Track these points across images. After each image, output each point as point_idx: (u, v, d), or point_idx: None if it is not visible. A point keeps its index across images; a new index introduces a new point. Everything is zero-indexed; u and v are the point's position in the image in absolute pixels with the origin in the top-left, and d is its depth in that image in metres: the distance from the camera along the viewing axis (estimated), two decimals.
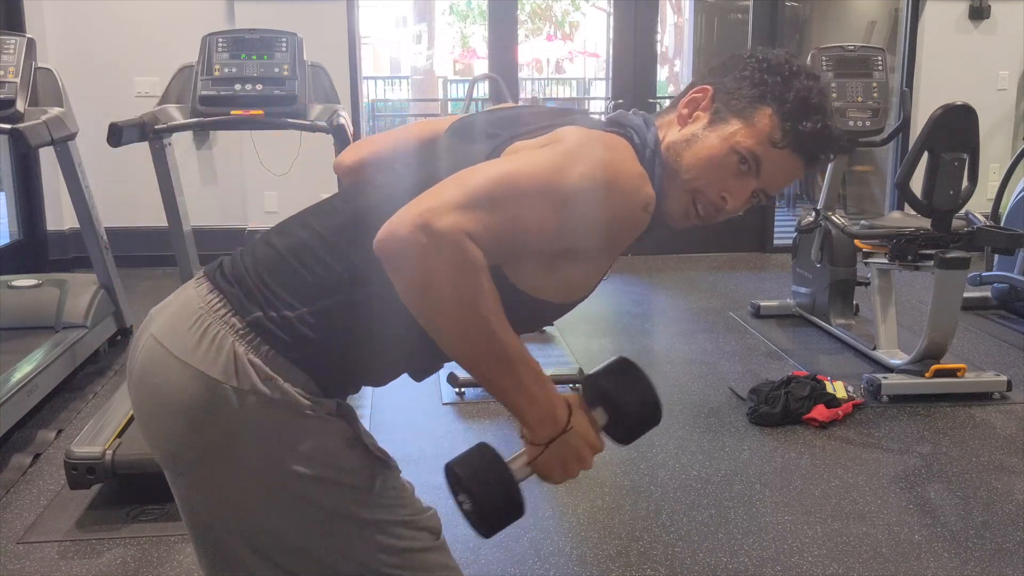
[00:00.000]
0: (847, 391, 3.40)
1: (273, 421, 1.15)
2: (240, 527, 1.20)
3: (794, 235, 4.64)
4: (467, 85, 6.95)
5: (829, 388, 3.38)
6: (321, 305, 1.16)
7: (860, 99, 4.14)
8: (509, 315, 1.11)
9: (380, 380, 1.30)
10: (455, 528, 1.31)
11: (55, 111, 3.56)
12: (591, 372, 1.24)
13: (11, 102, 3.40)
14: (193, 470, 1.20)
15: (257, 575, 1.21)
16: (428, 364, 1.33)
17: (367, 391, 1.32)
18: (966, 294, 4.07)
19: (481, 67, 10.95)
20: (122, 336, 4.12)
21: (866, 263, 3.94)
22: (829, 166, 4.34)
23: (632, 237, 1.21)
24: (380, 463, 1.22)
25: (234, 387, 1.14)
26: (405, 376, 1.31)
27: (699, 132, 1.23)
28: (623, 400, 1.20)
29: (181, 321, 1.19)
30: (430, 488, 1.45)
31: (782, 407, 3.28)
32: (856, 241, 3.94)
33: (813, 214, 4.35)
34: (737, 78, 1.24)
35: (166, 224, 3.62)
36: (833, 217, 4.20)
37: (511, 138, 1.21)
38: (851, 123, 4.12)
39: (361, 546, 1.19)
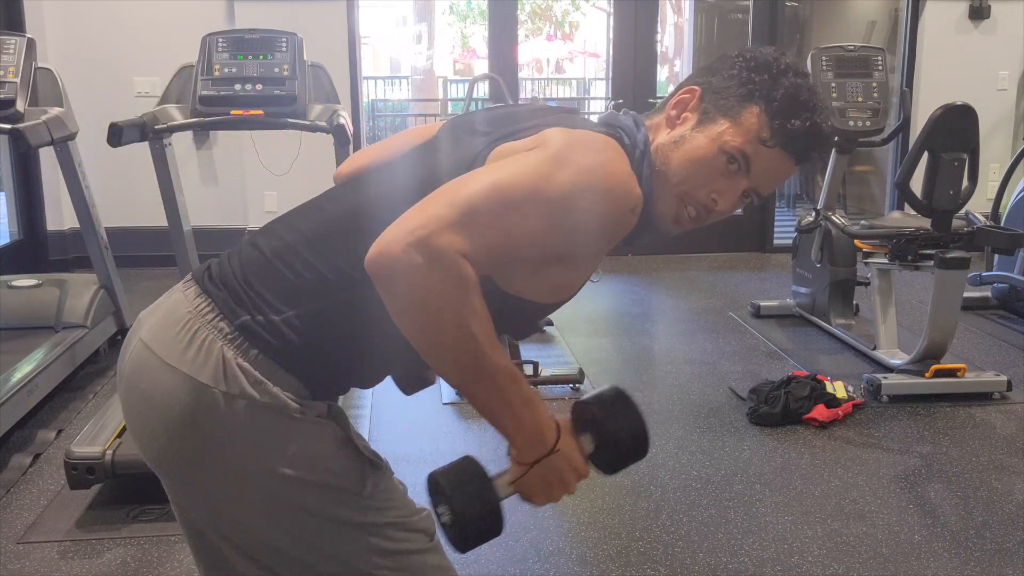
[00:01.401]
0: (847, 391, 3.40)
1: (263, 425, 1.14)
2: (231, 532, 1.20)
3: (794, 235, 4.64)
4: (467, 85, 6.94)
5: (829, 388, 3.38)
6: (308, 308, 1.15)
7: (860, 99, 4.14)
8: (495, 316, 1.10)
9: (368, 382, 1.29)
10: None
11: (55, 111, 3.56)
12: (584, 398, 1.23)
13: (11, 102, 3.40)
14: (183, 475, 1.20)
15: None
16: (415, 368, 1.33)
17: (367, 392, 1.32)
18: (966, 294, 4.07)
19: (481, 67, 10.95)
20: (122, 336, 4.11)
21: (866, 263, 3.94)
22: (829, 166, 4.35)
23: (619, 238, 1.21)
24: (371, 465, 1.21)
25: (223, 392, 1.13)
26: None
27: (687, 133, 1.22)
28: (613, 430, 1.18)
29: (169, 326, 1.18)
30: None
31: (782, 407, 3.28)
32: (856, 241, 3.94)
33: (813, 214, 4.35)
34: (725, 77, 1.23)
35: (166, 224, 3.62)
36: (833, 217, 4.20)
37: (499, 138, 1.20)
38: (851, 123, 4.12)
39: (353, 549, 1.19)
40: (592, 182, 1.12)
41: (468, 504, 1.11)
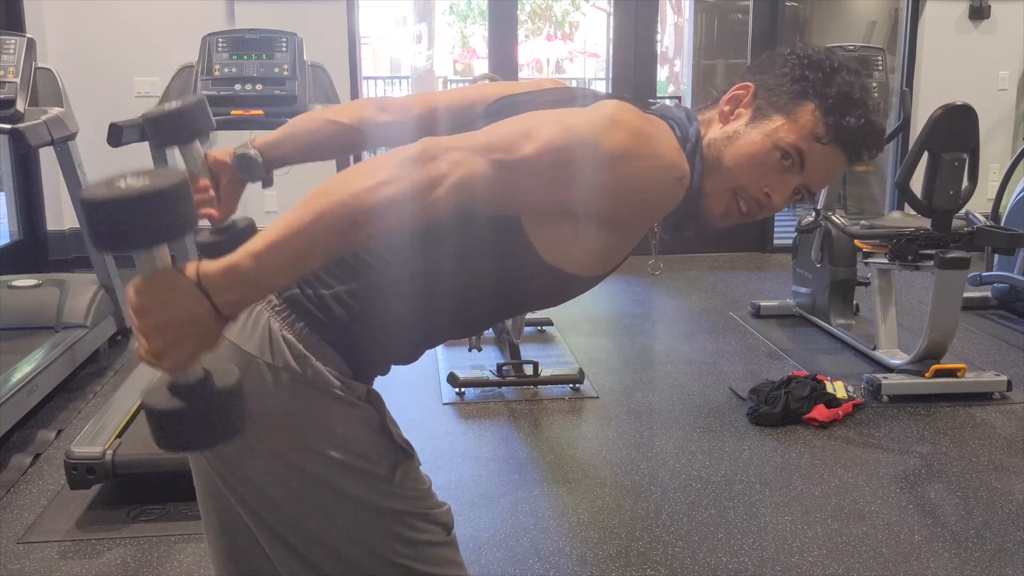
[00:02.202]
0: (847, 391, 3.40)
1: (302, 400, 1.15)
2: (258, 506, 1.20)
3: (794, 235, 4.64)
4: (467, 85, 6.94)
5: (829, 388, 3.38)
6: (357, 284, 1.17)
7: None
8: (533, 289, 1.12)
9: (409, 358, 1.30)
10: (457, 527, 1.32)
11: (55, 111, 3.56)
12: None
13: (11, 102, 3.40)
14: (220, 448, 1.19)
15: (269, 555, 1.23)
16: (457, 336, 1.34)
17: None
18: (966, 294, 4.07)
19: (481, 67, 10.95)
20: (122, 336, 4.12)
21: (866, 263, 3.94)
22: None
23: (664, 209, 1.19)
24: (403, 453, 1.22)
25: (268, 363, 1.15)
26: (405, 376, 1.32)
27: (741, 129, 1.23)
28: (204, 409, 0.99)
29: None
30: (432, 487, 1.45)
31: (782, 407, 3.28)
32: (856, 241, 3.94)
33: (813, 214, 4.35)
34: (778, 75, 1.24)
35: None
36: (833, 217, 4.20)
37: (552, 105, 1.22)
38: None
39: (377, 534, 1.20)
40: (643, 146, 1.13)
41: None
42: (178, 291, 0.95)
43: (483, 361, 3.84)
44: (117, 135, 3.14)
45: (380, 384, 1.32)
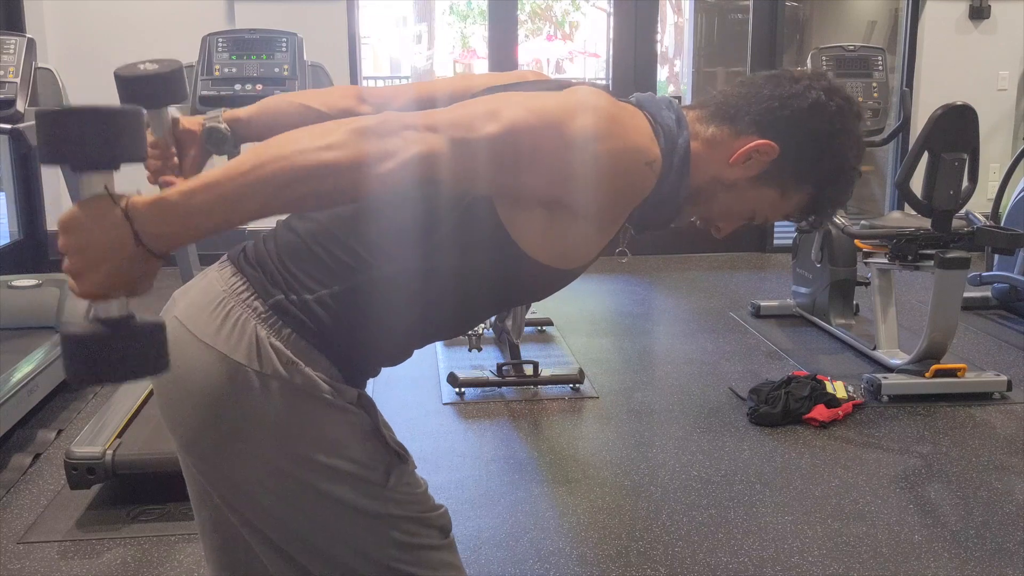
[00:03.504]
0: (847, 391, 3.40)
1: (293, 407, 1.15)
2: (251, 514, 1.20)
3: (794, 235, 4.64)
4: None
5: (829, 388, 3.38)
6: (340, 287, 1.17)
7: (860, 99, 4.13)
8: (515, 283, 1.13)
9: (398, 359, 1.29)
10: (455, 528, 1.31)
11: None
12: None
13: (11, 102, 3.40)
14: (210, 454, 1.20)
15: (264, 563, 1.22)
16: (447, 336, 1.36)
17: (366, 392, 1.32)
18: (966, 294, 4.07)
19: (481, 67, 10.95)
20: None
21: (866, 263, 3.94)
22: None
23: (635, 195, 1.17)
24: (397, 457, 1.22)
25: (256, 371, 1.14)
26: (405, 376, 1.32)
27: (741, 183, 1.23)
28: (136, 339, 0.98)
29: (204, 304, 1.19)
30: (432, 488, 1.45)
31: (782, 407, 3.28)
32: (856, 241, 3.94)
33: None
34: (800, 143, 1.20)
35: None
36: (833, 217, 4.20)
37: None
38: None
39: (371, 539, 1.19)
40: (611, 129, 1.12)
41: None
42: (104, 215, 0.96)
43: (483, 361, 3.84)
44: None
45: (381, 383, 1.32)
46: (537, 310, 4.39)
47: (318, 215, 1.23)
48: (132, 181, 1.02)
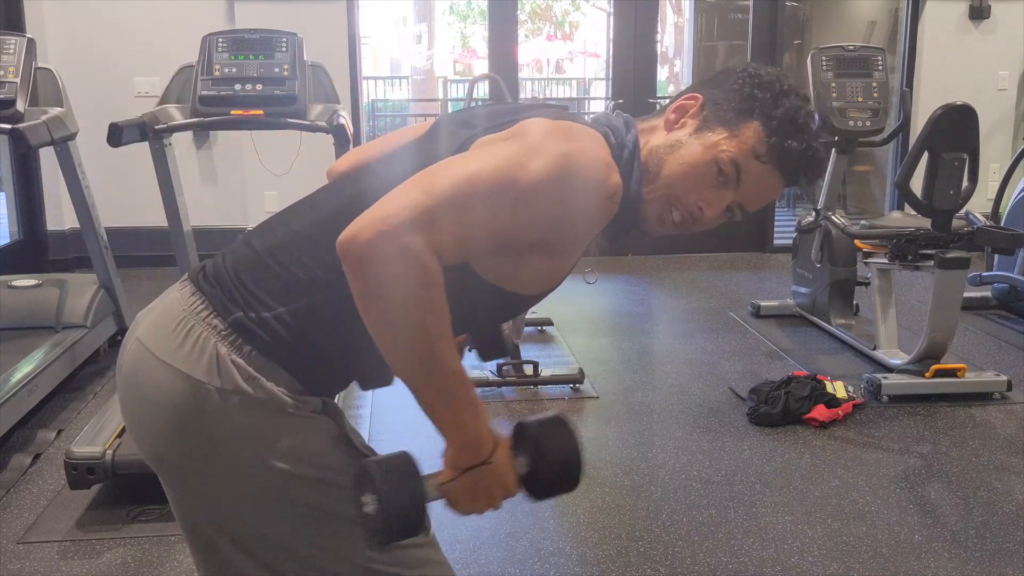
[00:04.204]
0: (847, 391, 3.40)
1: (257, 420, 1.15)
2: (227, 527, 1.20)
3: (794, 235, 4.64)
4: (467, 85, 6.94)
5: (829, 388, 3.38)
6: (299, 304, 1.17)
7: (860, 99, 4.14)
8: (479, 306, 1.13)
9: (369, 378, 1.29)
10: (455, 528, 1.31)
11: (55, 111, 3.56)
12: (525, 421, 1.22)
13: (11, 102, 3.40)
14: (180, 470, 1.21)
15: (243, 571, 1.21)
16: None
17: (366, 392, 1.31)
18: (966, 294, 4.07)
19: (481, 67, 10.95)
20: (122, 336, 4.09)
21: (866, 263, 3.94)
22: (829, 166, 4.34)
23: (599, 226, 1.20)
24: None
25: (217, 387, 1.14)
26: None
27: (684, 138, 1.23)
28: (549, 455, 1.17)
29: (165, 323, 1.20)
30: None
31: (782, 407, 3.28)
32: (856, 241, 3.94)
33: (813, 214, 4.35)
34: (727, 90, 1.24)
35: (166, 224, 3.62)
36: (833, 217, 4.20)
37: (486, 130, 1.20)
38: (851, 123, 4.12)
39: (348, 543, 1.19)
40: (567, 169, 1.11)
41: (396, 497, 1.09)
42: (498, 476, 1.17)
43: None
44: (117, 135, 3.14)
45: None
46: (537, 310, 4.38)
47: (276, 231, 1.23)
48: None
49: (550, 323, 4.45)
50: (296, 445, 1.16)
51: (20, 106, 3.42)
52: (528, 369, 3.65)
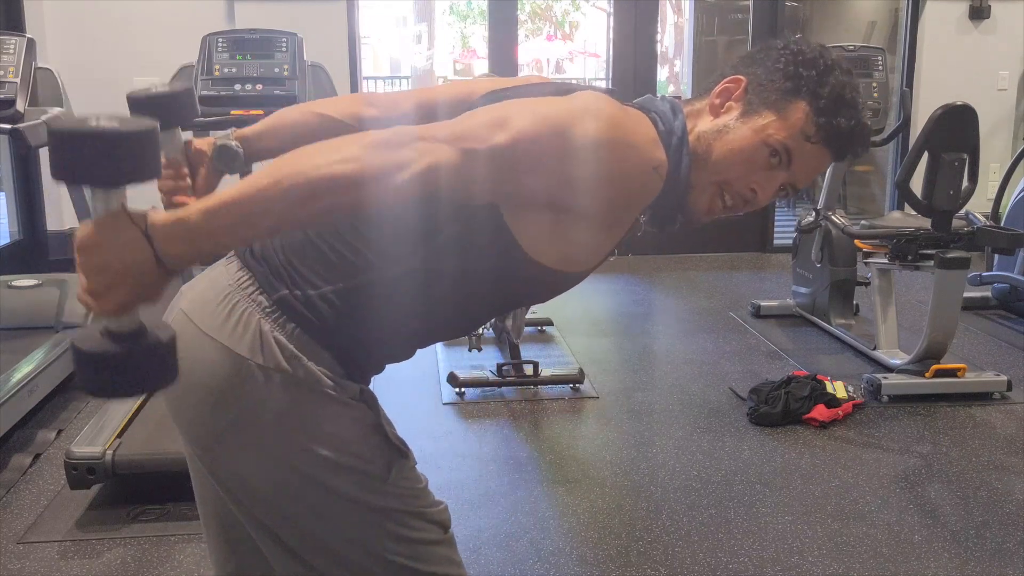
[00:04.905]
0: (847, 391, 3.40)
1: (295, 401, 1.16)
2: (253, 504, 1.21)
3: (794, 235, 4.64)
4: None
5: (829, 388, 3.38)
6: (344, 285, 1.17)
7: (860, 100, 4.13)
8: (511, 287, 1.13)
9: (403, 356, 1.30)
10: (454, 528, 1.31)
11: (55, 111, 3.56)
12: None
13: (11, 102, 3.40)
14: (213, 444, 1.20)
15: (266, 554, 1.23)
16: (449, 336, 1.36)
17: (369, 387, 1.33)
18: (966, 294, 4.07)
19: (481, 67, 10.95)
20: None
21: (866, 263, 3.94)
22: (829, 167, 4.34)
23: (642, 200, 1.18)
24: (398, 452, 1.23)
25: (259, 364, 1.15)
26: (405, 376, 1.32)
27: (731, 123, 1.22)
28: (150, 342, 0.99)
29: (210, 297, 1.20)
30: (431, 487, 1.45)
31: (782, 407, 3.28)
32: (856, 241, 3.94)
33: (813, 214, 4.35)
34: (770, 69, 1.23)
35: None
36: (833, 217, 4.19)
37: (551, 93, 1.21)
38: None
39: (371, 533, 1.20)
40: (616, 135, 1.12)
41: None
42: (124, 235, 0.96)
43: (483, 361, 3.84)
44: None
45: (381, 382, 1.32)
46: (537, 310, 4.38)
47: None
48: (146, 200, 1.02)
49: (550, 323, 4.45)
50: (331, 429, 1.17)
51: (20, 106, 3.43)
52: (528, 369, 3.65)
